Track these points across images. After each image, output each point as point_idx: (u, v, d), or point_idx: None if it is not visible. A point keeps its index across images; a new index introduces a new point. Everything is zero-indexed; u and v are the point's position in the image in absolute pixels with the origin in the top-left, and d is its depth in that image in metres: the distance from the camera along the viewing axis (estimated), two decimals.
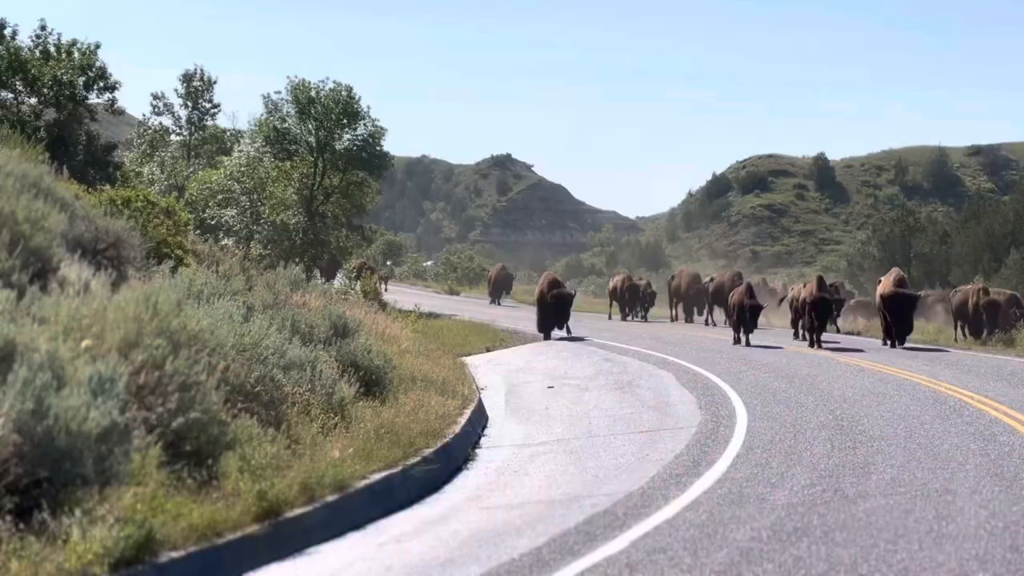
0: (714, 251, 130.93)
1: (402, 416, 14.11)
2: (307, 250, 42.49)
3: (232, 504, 9.51)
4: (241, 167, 43.63)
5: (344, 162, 42.54)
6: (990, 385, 20.19)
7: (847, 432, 14.73)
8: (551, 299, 32.99)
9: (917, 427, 15.12)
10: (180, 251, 20.58)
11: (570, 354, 27.17)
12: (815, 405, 17.38)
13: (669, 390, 19.79)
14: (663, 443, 14.42)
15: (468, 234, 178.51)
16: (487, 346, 30.01)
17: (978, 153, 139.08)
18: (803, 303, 30.44)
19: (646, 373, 22.45)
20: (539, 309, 33.37)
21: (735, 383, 20.28)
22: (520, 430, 16.75)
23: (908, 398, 18.22)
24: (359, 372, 15.98)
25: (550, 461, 13.94)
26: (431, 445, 13.42)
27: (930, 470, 12.08)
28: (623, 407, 18.15)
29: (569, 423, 16.96)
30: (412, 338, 25.56)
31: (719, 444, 13.99)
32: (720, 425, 15.57)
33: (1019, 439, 14.09)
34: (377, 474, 11.73)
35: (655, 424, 16.19)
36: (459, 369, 21.20)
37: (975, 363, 24.93)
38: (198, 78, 53.80)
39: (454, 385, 17.96)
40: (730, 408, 17.16)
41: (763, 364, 23.86)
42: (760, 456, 13.03)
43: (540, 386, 21.64)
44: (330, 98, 42.12)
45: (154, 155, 52.26)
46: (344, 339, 16.83)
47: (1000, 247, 66.09)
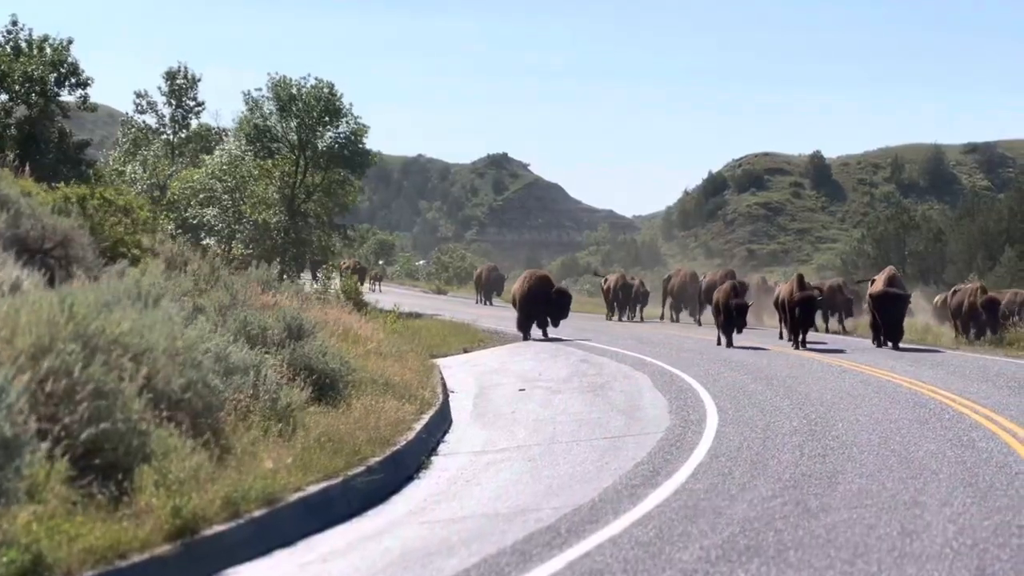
0: (710, 250, 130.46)
1: (350, 423, 13.42)
2: (288, 249, 41.80)
3: (142, 522, 8.84)
4: (223, 165, 42.93)
5: (326, 160, 41.84)
6: (974, 387, 19.51)
7: (819, 438, 14.05)
8: (555, 295, 32.30)
9: (893, 432, 14.45)
10: (138, 250, 19.89)
11: (548, 355, 26.49)
12: (790, 409, 16.71)
13: (642, 393, 19.12)
14: (626, 450, 13.74)
15: (464, 233, 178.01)
16: (465, 347, 29.34)
17: (974, 151, 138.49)
18: (785, 302, 29.46)
19: (621, 375, 21.78)
20: (521, 308, 32.37)
21: (711, 385, 19.61)
22: (482, 436, 16.09)
23: (888, 401, 17.54)
24: (313, 376, 15.33)
25: (506, 469, 13.27)
26: (378, 453, 12.75)
27: (901, 480, 11.41)
28: (592, 411, 17.48)
29: (533, 428, 16.29)
30: (385, 339, 24.90)
31: (683, 451, 13.31)
32: (688, 430, 14.90)
33: (998, 445, 13.41)
34: (314, 486, 11.06)
35: (621, 429, 15.52)
36: (427, 371, 20.49)
37: (962, 363, 24.26)
38: (182, 76, 53.01)
39: (416, 389, 17.28)
40: (701, 412, 16.48)
41: (743, 365, 23.18)
42: (724, 465, 12.35)
43: (512, 389, 20.98)
44: (311, 95, 41.42)
45: (137, 154, 51.52)
46: (298, 341, 16.13)
47: (995, 245, 65.49)
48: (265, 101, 41.87)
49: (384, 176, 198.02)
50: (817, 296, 29.91)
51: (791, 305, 28.70)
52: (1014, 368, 23.32)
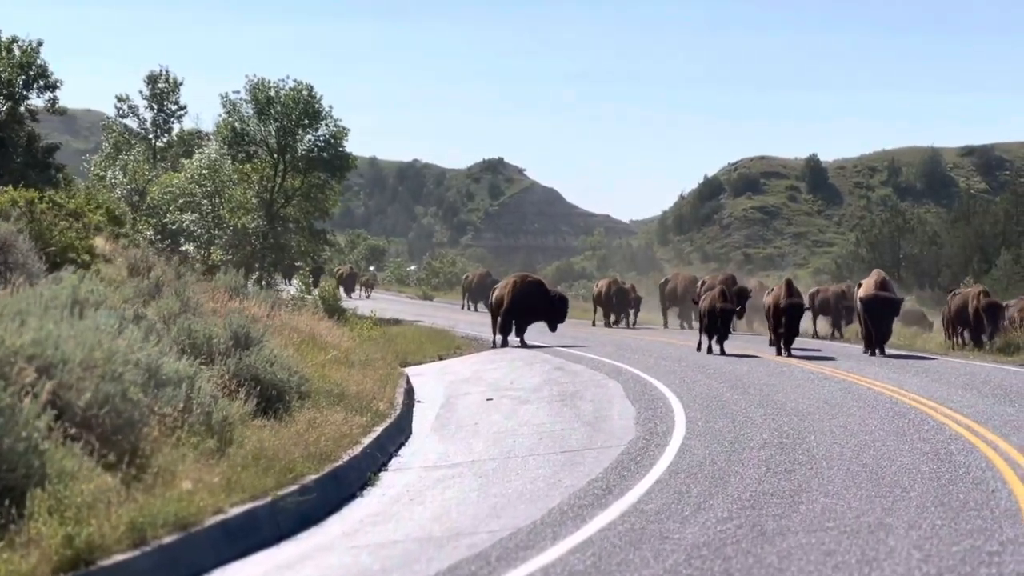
0: (706, 254, 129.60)
1: (289, 438, 12.64)
2: (267, 255, 41.01)
3: (28, 553, 8.07)
4: (202, 170, 42.13)
5: (304, 164, 41.05)
6: (959, 395, 18.73)
7: (789, 451, 13.27)
8: (555, 300, 31.55)
9: (867, 445, 13.67)
10: (88, 256, 19.13)
11: (523, 363, 25.69)
12: (763, 419, 15.92)
13: (612, 403, 18.32)
14: (583, 465, 12.96)
15: (460, 239, 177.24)
16: (440, 354, 28.56)
17: (971, 154, 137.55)
18: (773, 308, 28.25)
19: (594, 384, 20.98)
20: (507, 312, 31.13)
21: (685, 394, 18.82)
22: (439, 449, 15.32)
23: (866, 411, 16.76)
24: (259, 387, 14.58)
25: (454, 486, 12.50)
26: (316, 471, 11.98)
27: (868, 498, 10.63)
28: (556, 422, 16.69)
29: (493, 441, 15.51)
30: (355, 347, 24.17)
31: (642, 467, 12.53)
32: (652, 443, 14.12)
33: (975, 459, 12.63)
34: (238, 507, 10.30)
35: (583, 442, 14.74)
36: (391, 381, 19.68)
37: (949, 370, 23.47)
38: (163, 79, 52.18)
39: (372, 400, 16.49)
40: (669, 423, 15.70)
41: (721, 373, 22.38)
42: (682, 482, 11.57)
43: (479, 398, 20.20)
44: (290, 97, 40.63)
45: (118, 158, 50.68)
46: (245, 350, 15.34)
47: (990, 248, 64.71)
48: (243, 104, 41.07)
49: (380, 181, 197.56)
50: (805, 305, 28.61)
51: (778, 312, 27.62)
52: (1001, 375, 22.53)
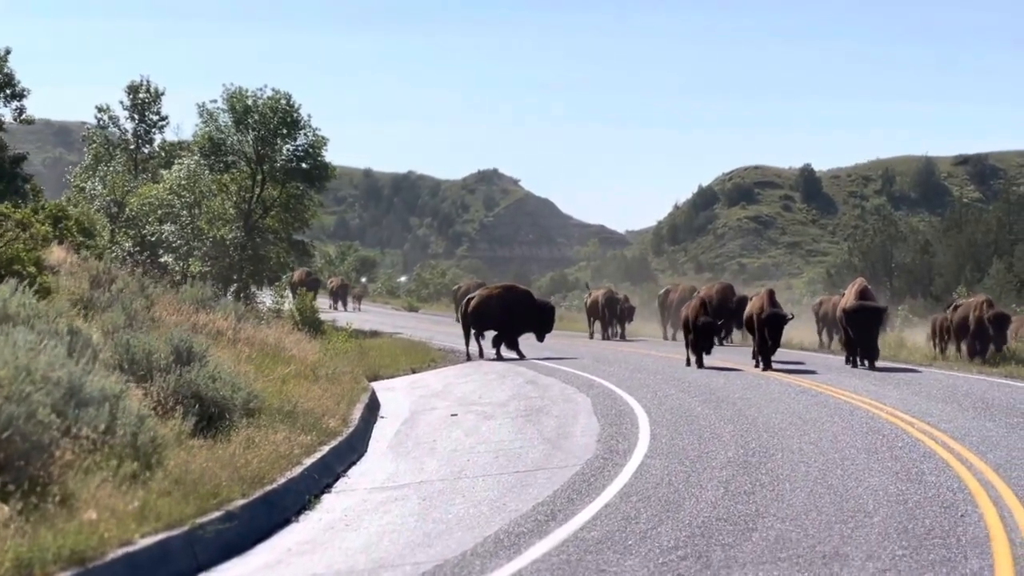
0: (700, 264, 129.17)
1: (219, 460, 11.89)
2: (245, 266, 40.25)
3: None
4: (181, 180, 41.41)
5: (283, 174, 40.29)
6: (937, 409, 18.01)
7: (752, 471, 12.54)
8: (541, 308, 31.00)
9: (835, 463, 12.93)
10: (34, 268, 18.37)
11: (496, 376, 24.96)
12: (731, 436, 15.19)
13: (578, 418, 17.59)
14: (533, 487, 12.22)
15: (455, 250, 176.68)
16: (413, 367, 27.83)
17: (965, 163, 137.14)
18: (753, 319, 27.06)
19: (563, 398, 20.24)
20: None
21: (654, 409, 18.09)
22: (390, 468, 14.57)
23: (840, 426, 16.03)
24: (201, 405, 13.87)
25: (395, 510, 11.76)
26: (246, 495, 11.23)
27: (828, 524, 9.90)
28: (516, 439, 15.95)
29: (446, 460, 14.77)
30: (325, 360, 23.44)
31: (594, 489, 11.79)
32: (610, 463, 13.38)
33: (947, 480, 11.89)
34: (150, 538, 9.53)
35: (539, 461, 14.00)
36: (353, 396, 18.94)
37: (932, 382, 22.76)
38: (144, 89, 51.47)
39: (325, 417, 15.76)
40: (632, 441, 14.96)
41: (696, 387, 21.63)
42: (632, 507, 10.83)
43: (444, 414, 19.47)
44: (268, 106, 39.87)
45: (97, 169, 49.97)
46: (186, 366, 14.60)
47: (983, 256, 63.98)
48: (220, 113, 40.31)
49: (374, 193, 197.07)
50: (788, 316, 27.46)
51: (759, 323, 26.54)
52: (984, 387, 21.82)
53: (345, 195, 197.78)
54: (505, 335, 30.32)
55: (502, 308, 30.43)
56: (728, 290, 37.49)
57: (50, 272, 19.55)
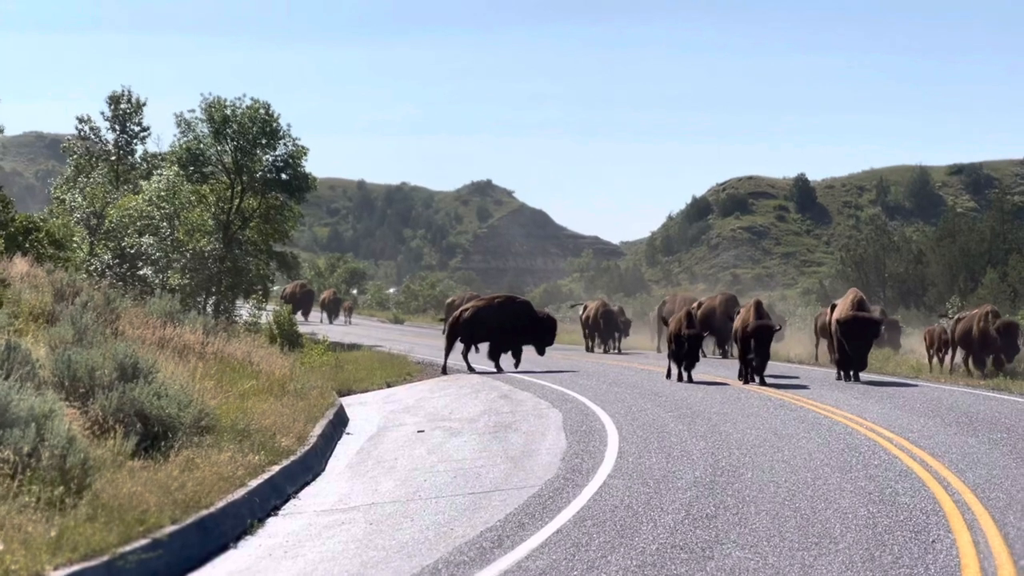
0: (694, 275, 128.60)
1: (154, 483, 11.24)
2: (224, 278, 39.60)
3: None
4: (160, 192, 40.78)
5: (262, 184, 39.66)
6: (919, 424, 17.37)
7: (719, 492, 11.88)
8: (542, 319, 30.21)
9: (807, 483, 12.29)
10: None
11: (470, 390, 24.30)
12: (701, 454, 14.54)
13: (546, 435, 16.93)
14: (486, 510, 11.58)
15: (449, 261, 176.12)
16: (388, 381, 27.18)
17: (960, 172, 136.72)
18: (740, 332, 26.00)
19: (534, 414, 19.58)
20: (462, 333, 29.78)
21: (626, 425, 17.43)
22: (344, 489, 13.92)
23: (816, 443, 15.37)
24: (145, 423, 13.26)
25: (338, 536, 11.11)
26: (179, 520, 10.57)
27: (790, 551, 9.25)
28: (479, 458, 15.30)
29: (403, 480, 14.12)
30: (290, 375, 22.78)
31: (548, 513, 11.14)
32: (570, 483, 12.72)
33: (922, 501, 11.25)
34: (63, 570, 8.88)
35: (498, 481, 13.34)
36: (314, 412, 18.27)
37: (915, 396, 22.13)
38: (126, 100, 50.85)
39: (279, 435, 15.09)
40: (598, 459, 14.31)
41: (673, 401, 20.97)
42: (585, 532, 10.18)
43: (411, 430, 18.82)
44: (247, 116, 39.27)
45: (77, 181, 49.35)
46: (130, 383, 13.94)
47: (976, 266, 63.44)
48: (199, 123, 39.71)
49: (368, 204, 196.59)
50: (776, 327, 26.45)
51: (745, 335, 25.54)
52: (969, 401, 21.18)
53: (339, 207, 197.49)
54: (504, 348, 29.65)
55: (500, 320, 29.74)
56: (732, 301, 36.72)
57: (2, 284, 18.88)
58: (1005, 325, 27.66)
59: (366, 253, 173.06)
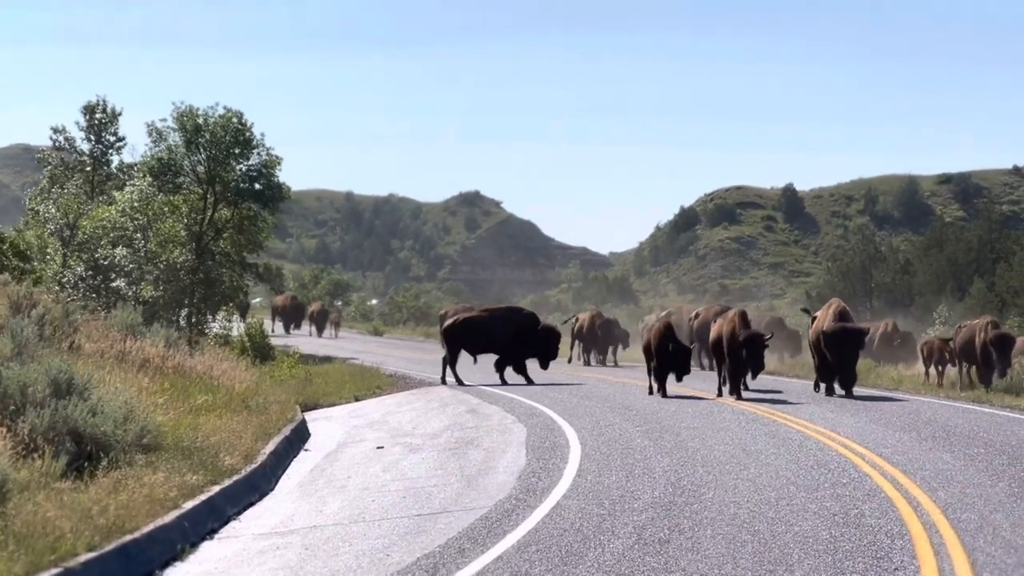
0: (682, 285, 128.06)
1: (76, 507, 10.59)
2: (197, 290, 38.91)
3: None
4: (134, 203, 40.08)
5: (235, 194, 38.98)
6: (894, 438, 16.76)
7: (675, 513, 11.25)
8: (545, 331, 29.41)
9: (769, 504, 11.66)
10: None
11: (438, 404, 23.67)
12: (664, 471, 13.90)
13: (506, 451, 16.29)
14: (429, 534, 10.94)
15: (437, 272, 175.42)
16: (357, 394, 26.54)
17: (948, 181, 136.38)
18: (727, 344, 24.55)
19: (499, 429, 18.93)
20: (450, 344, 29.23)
21: (591, 441, 16.80)
22: (288, 510, 13.28)
23: (785, 459, 14.75)
24: (78, 442, 12.62)
25: (270, 563, 10.49)
26: (97, 547, 9.92)
27: None
28: (434, 476, 14.66)
29: (351, 500, 13.49)
30: (253, 389, 22.15)
31: (492, 537, 10.50)
32: (522, 504, 12.08)
33: (888, 523, 10.62)
34: None
35: (447, 502, 12.70)
36: (270, 428, 17.62)
37: (893, 409, 21.52)
38: (101, 110, 50.10)
39: (220, 453, 14.42)
40: (555, 478, 13.67)
41: (643, 415, 20.32)
42: (528, 559, 9.55)
43: (370, 446, 18.20)
44: (219, 125, 38.60)
45: (51, 192, 48.60)
46: (64, 399, 13.29)
47: (964, 275, 62.94)
48: (170, 132, 39.03)
49: (356, 216, 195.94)
50: (767, 336, 25.46)
51: (735, 346, 24.16)
52: (948, 413, 20.57)
53: (326, 218, 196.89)
54: (508, 360, 29.02)
55: (504, 331, 29.08)
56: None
57: None
58: (999, 337, 26.21)
59: (354, 265, 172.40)
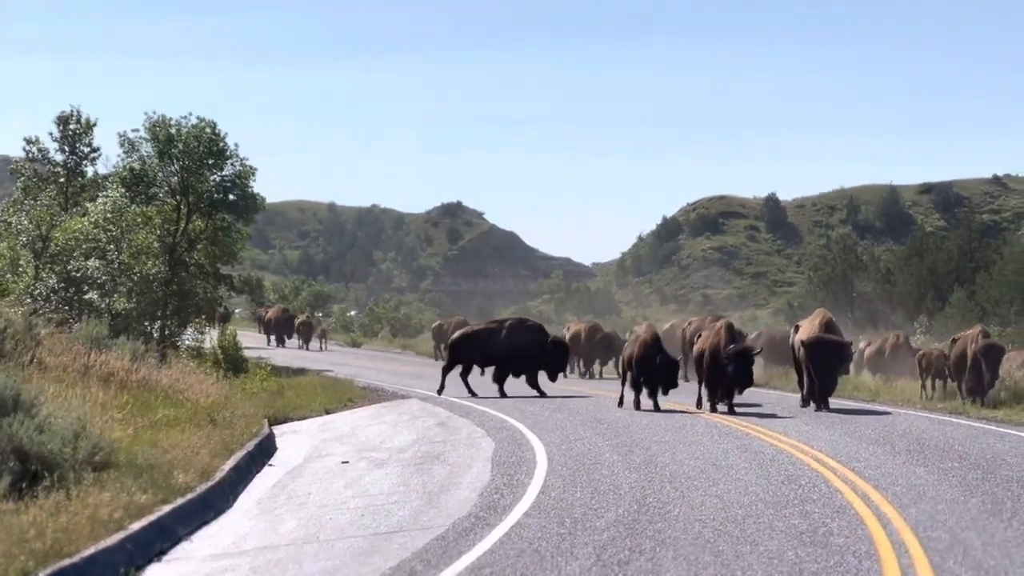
0: (665, 296, 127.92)
1: (13, 530, 10.17)
2: (169, 302, 38.41)
3: None
4: (107, 214, 39.59)
5: (208, 205, 38.52)
6: (868, 452, 16.42)
7: (638, 532, 10.88)
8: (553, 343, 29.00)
9: (737, 521, 11.29)
10: None
11: (409, 417, 23.28)
12: (631, 487, 13.53)
13: (472, 466, 15.90)
14: (380, 555, 10.56)
15: (420, 284, 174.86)
16: (327, 407, 26.09)
17: (930, 191, 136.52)
18: (709, 356, 23.76)
19: (467, 443, 18.54)
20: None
21: (559, 456, 16.41)
22: (242, 529, 12.87)
23: (755, 473, 14.39)
24: (22, 461, 12.23)
25: None
26: (32, 573, 9.51)
27: None
28: (395, 492, 14.28)
29: (309, 518, 13.09)
30: (220, 403, 21.75)
31: (445, 559, 10.13)
32: (481, 523, 11.69)
33: (856, 542, 10.25)
34: None
35: (405, 521, 12.31)
36: (232, 444, 17.19)
37: (868, 422, 21.21)
38: (75, 120, 49.58)
39: (174, 471, 13.99)
40: (519, 494, 13.29)
41: (615, 429, 19.91)
42: None
43: (335, 461, 17.79)
44: (192, 135, 38.15)
45: (25, 203, 48.04)
46: (9, 416, 12.87)
47: (944, 285, 62.81)
48: (143, 143, 38.56)
49: (338, 227, 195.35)
50: (756, 350, 24.68)
51: (720, 361, 23.32)
52: (923, 426, 20.25)
53: (309, 229, 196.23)
54: (514, 373, 28.65)
55: (511, 343, 28.68)
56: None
57: None
58: (987, 347, 25.45)
59: (336, 276, 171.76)
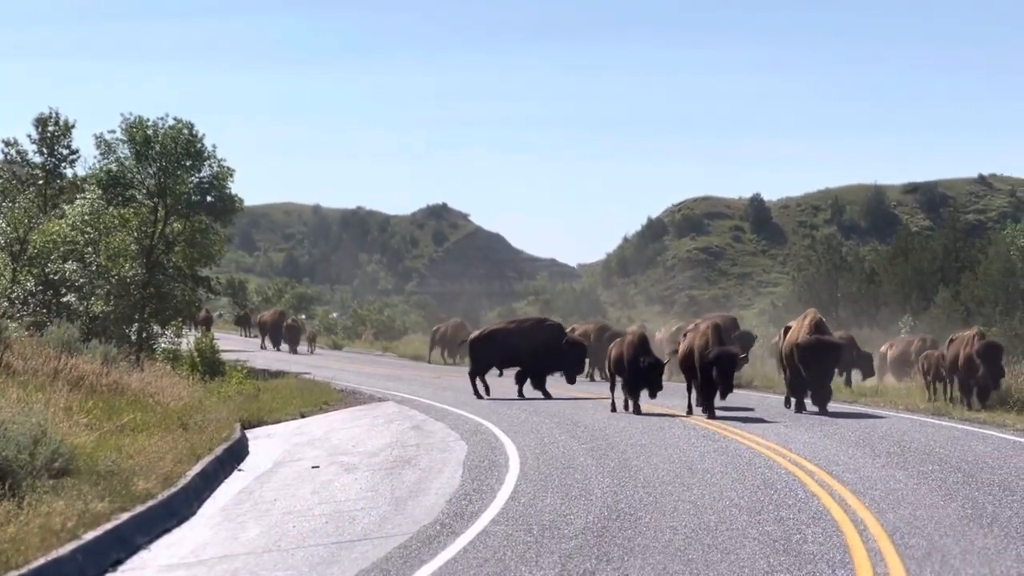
0: (650, 296, 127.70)
1: None
2: (147, 305, 37.97)
3: None
4: (84, 216, 39.15)
5: (186, 207, 38.09)
6: (847, 455, 16.11)
7: (607, 540, 10.56)
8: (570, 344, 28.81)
9: (708, 529, 10.97)
10: None
11: (384, 420, 22.94)
12: (604, 492, 13.21)
13: (443, 471, 15.57)
14: (340, 565, 10.25)
15: (405, 286, 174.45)
16: (303, 411, 25.72)
17: (915, 191, 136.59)
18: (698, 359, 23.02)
19: (440, 447, 18.20)
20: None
21: (532, 460, 16.08)
22: (203, 537, 12.52)
23: (731, 478, 14.07)
24: None
25: None
26: None
27: None
28: (363, 498, 13.94)
29: (272, 526, 12.74)
30: (192, 406, 21.42)
31: (407, 568, 9.83)
32: (446, 531, 11.37)
33: (831, 551, 9.94)
34: None
35: (371, 528, 11.98)
36: (200, 449, 16.84)
37: (848, 424, 20.90)
38: (53, 122, 49.11)
39: (135, 477, 13.64)
40: (488, 500, 12.96)
41: (591, 432, 19.56)
42: None
43: (306, 465, 17.44)
44: (169, 136, 37.72)
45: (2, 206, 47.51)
46: None
47: (929, 285, 62.68)
48: (119, 144, 38.11)
49: (324, 229, 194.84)
50: (741, 355, 23.74)
51: (704, 363, 22.65)
52: (904, 427, 19.94)
53: (294, 231, 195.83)
54: (531, 373, 28.41)
55: (529, 343, 28.49)
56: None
57: None
58: (986, 346, 24.67)
59: (322, 278, 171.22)
